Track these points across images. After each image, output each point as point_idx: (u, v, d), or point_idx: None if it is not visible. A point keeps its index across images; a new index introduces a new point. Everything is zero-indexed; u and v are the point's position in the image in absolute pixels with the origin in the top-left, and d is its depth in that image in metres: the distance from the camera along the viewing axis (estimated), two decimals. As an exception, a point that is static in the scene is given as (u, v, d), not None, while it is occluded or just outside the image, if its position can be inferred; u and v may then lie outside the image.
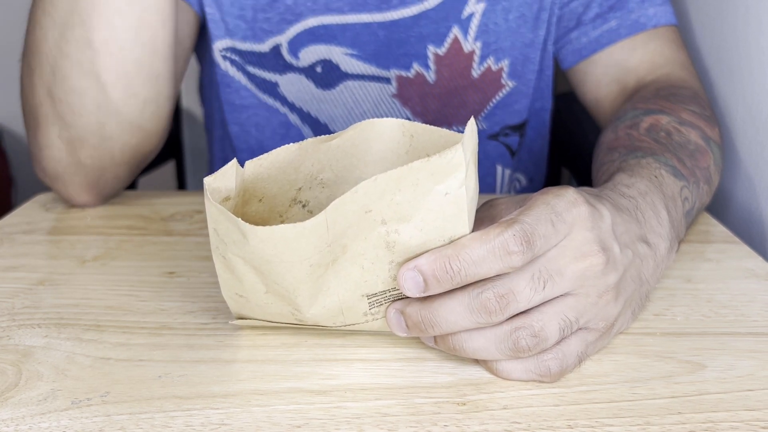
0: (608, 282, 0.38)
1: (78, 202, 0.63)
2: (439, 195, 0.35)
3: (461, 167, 0.34)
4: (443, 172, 0.34)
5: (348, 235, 0.35)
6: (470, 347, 0.37)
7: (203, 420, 0.35)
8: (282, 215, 0.43)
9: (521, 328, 0.36)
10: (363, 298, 0.38)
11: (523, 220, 0.36)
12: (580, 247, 0.37)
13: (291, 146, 0.40)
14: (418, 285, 0.36)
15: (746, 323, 0.44)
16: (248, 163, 0.39)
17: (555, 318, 0.36)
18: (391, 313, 0.38)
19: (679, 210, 0.49)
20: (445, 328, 0.37)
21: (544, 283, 0.36)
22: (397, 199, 0.35)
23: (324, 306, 0.38)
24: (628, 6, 0.70)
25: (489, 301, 0.35)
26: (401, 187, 0.34)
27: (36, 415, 0.35)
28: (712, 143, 0.58)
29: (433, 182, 0.34)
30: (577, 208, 0.37)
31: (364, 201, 0.34)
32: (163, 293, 0.48)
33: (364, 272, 0.37)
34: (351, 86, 0.72)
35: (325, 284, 0.37)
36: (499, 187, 0.80)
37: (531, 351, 0.36)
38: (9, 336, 0.42)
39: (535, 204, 0.37)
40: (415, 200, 0.35)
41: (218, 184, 0.37)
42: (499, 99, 0.75)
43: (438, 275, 0.35)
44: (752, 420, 0.35)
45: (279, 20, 0.69)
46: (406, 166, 0.34)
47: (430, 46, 0.70)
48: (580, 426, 0.35)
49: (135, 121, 0.59)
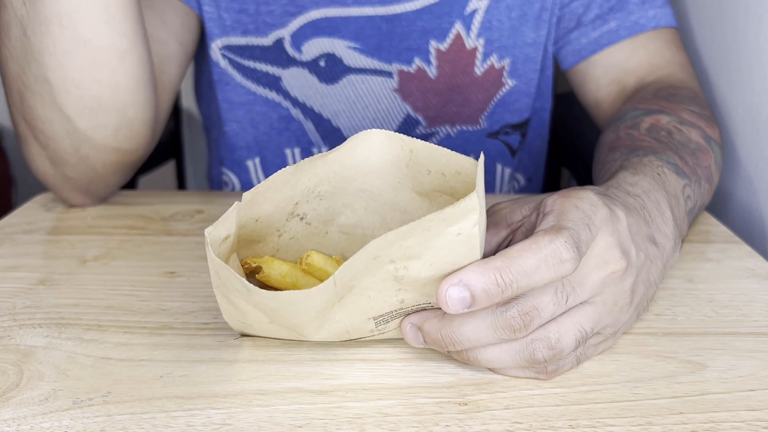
0: (625, 287, 0.38)
1: (75, 204, 0.63)
2: (450, 236, 0.33)
3: (475, 211, 0.33)
4: (455, 217, 0.33)
5: (355, 278, 0.35)
6: (485, 358, 0.37)
7: (205, 420, 0.35)
8: (279, 230, 0.43)
9: (538, 341, 0.36)
10: (369, 320, 0.38)
11: (569, 226, 0.35)
12: (602, 254, 0.37)
13: (288, 168, 0.40)
14: (463, 301, 0.33)
15: (747, 323, 0.44)
16: (246, 194, 0.39)
17: (572, 329, 0.36)
18: (406, 327, 0.38)
19: (681, 208, 0.49)
20: (466, 345, 0.36)
21: (567, 296, 0.36)
22: (407, 243, 0.33)
23: (330, 331, 0.38)
24: (628, 7, 0.70)
25: (514, 319, 0.34)
26: (412, 234, 0.33)
27: (37, 415, 0.35)
28: (713, 142, 0.58)
29: (445, 225, 0.33)
30: (600, 211, 0.37)
31: (374, 253, 0.33)
32: (163, 293, 0.47)
33: (371, 300, 0.37)
34: (353, 80, 0.72)
35: (331, 316, 0.37)
36: (498, 186, 0.80)
37: (547, 363, 0.36)
38: (10, 336, 0.42)
39: (567, 209, 0.36)
40: (426, 242, 0.33)
41: (220, 232, 0.37)
42: (500, 97, 0.75)
43: (489, 288, 0.33)
44: (754, 420, 0.35)
45: (282, 12, 0.69)
46: (417, 221, 0.32)
47: (432, 41, 0.70)
48: (581, 426, 0.35)
49: (109, 145, 0.57)
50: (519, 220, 0.41)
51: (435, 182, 0.41)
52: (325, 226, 0.44)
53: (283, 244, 0.43)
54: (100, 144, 0.57)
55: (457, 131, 0.75)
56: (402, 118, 0.74)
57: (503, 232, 0.41)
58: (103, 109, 0.55)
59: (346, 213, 0.44)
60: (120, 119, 0.57)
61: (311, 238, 0.44)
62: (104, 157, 0.58)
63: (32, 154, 0.59)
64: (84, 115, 0.55)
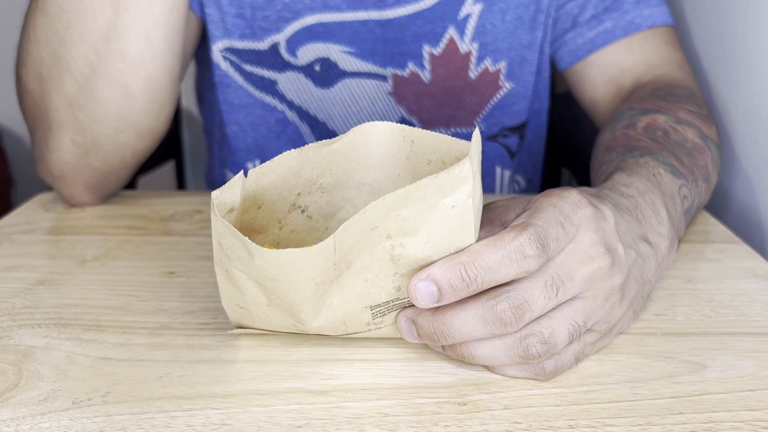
0: (614, 284, 0.38)
1: (78, 202, 0.63)
2: (445, 208, 0.34)
3: (468, 180, 0.34)
4: (450, 186, 0.34)
5: (353, 251, 0.35)
6: (479, 355, 0.37)
7: (204, 420, 0.35)
8: (281, 221, 0.43)
9: (531, 335, 0.36)
10: (366, 309, 0.38)
11: (535, 223, 0.35)
12: (587, 250, 0.37)
13: (292, 152, 0.40)
14: (431, 295, 0.35)
15: (747, 323, 0.44)
16: (251, 172, 0.39)
17: (564, 324, 0.36)
18: (402, 321, 0.38)
19: (678, 208, 0.49)
20: (458, 338, 0.36)
21: (557, 289, 0.36)
22: (404, 214, 0.34)
23: (327, 319, 0.38)
24: (623, 7, 0.70)
25: (504, 312, 0.35)
26: (408, 203, 0.34)
27: (36, 416, 0.35)
28: (710, 141, 0.58)
29: (440, 196, 0.34)
30: (582, 210, 0.37)
31: (371, 219, 0.34)
32: (163, 293, 0.47)
33: (368, 284, 0.37)
34: (349, 84, 0.72)
35: (328, 299, 0.37)
36: (498, 188, 0.80)
37: (541, 358, 0.36)
38: (9, 336, 0.42)
39: (543, 207, 0.37)
40: (422, 214, 0.34)
41: (225, 197, 0.37)
42: (497, 100, 0.75)
43: (454, 283, 0.35)
44: (753, 420, 0.35)
45: (277, 18, 0.69)
46: (414, 184, 0.33)
47: (425, 46, 0.71)
48: (581, 426, 0.35)
49: (151, 126, 0.60)
50: (512, 218, 0.41)
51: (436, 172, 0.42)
52: (325, 221, 0.44)
53: (284, 236, 0.43)
54: (144, 125, 0.59)
55: (451, 134, 0.75)
56: (396, 121, 0.74)
57: (497, 230, 0.41)
58: (164, 81, 0.58)
59: (347, 207, 0.44)
60: (168, 94, 0.60)
61: (311, 233, 0.44)
62: (138, 144, 0.60)
63: (60, 143, 0.59)
64: (147, 91, 0.57)
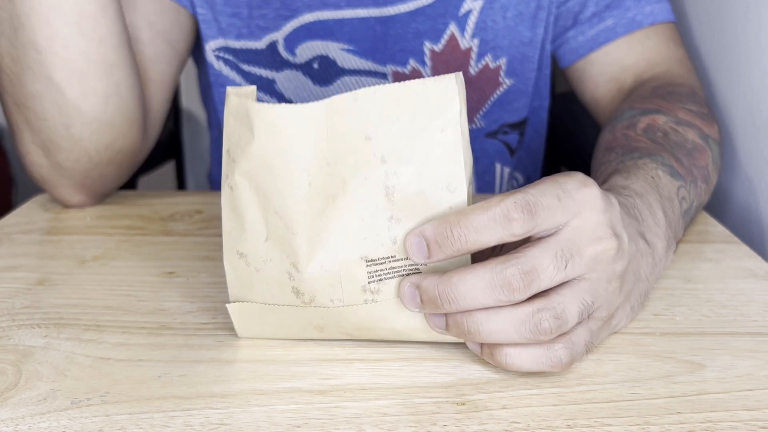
0: (616, 269, 0.38)
1: (71, 203, 0.63)
2: (435, 131, 0.36)
3: (455, 99, 0.36)
4: (438, 106, 0.36)
5: (348, 163, 0.36)
6: (486, 329, 0.36)
7: (203, 420, 0.35)
8: None
9: (543, 310, 0.35)
10: (362, 262, 0.37)
11: (526, 190, 0.36)
12: (595, 230, 0.37)
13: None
14: (422, 250, 0.36)
15: (745, 323, 0.44)
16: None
17: (575, 301, 0.36)
18: (405, 286, 0.37)
19: (676, 210, 0.49)
20: (462, 304, 0.35)
21: (566, 262, 0.35)
22: (395, 129, 0.36)
23: (322, 266, 0.37)
24: (624, 4, 0.70)
25: (513, 277, 0.35)
26: (399, 115, 0.36)
27: (36, 415, 0.35)
28: (711, 141, 0.58)
29: (429, 117, 0.36)
30: (588, 189, 0.37)
31: (363, 122, 0.36)
32: (162, 293, 0.48)
33: (364, 225, 0.37)
34: (348, 82, 0.72)
35: (324, 231, 0.37)
36: (497, 185, 0.80)
37: (552, 334, 0.35)
38: (9, 336, 0.42)
39: (543, 181, 0.37)
40: (414, 133, 0.36)
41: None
42: (497, 97, 0.75)
43: (440, 240, 0.35)
44: (751, 420, 0.35)
45: (274, 16, 0.69)
46: (403, 84, 0.35)
47: (426, 42, 0.71)
48: (579, 426, 0.35)
49: (100, 118, 0.57)
50: None
51: None
52: None
53: None
54: (90, 118, 0.57)
55: None
56: None
57: None
58: (91, 69, 0.56)
59: None
60: (106, 83, 0.57)
61: None
62: (97, 138, 0.58)
63: (25, 144, 0.58)
64: (73, 80, 0.55)
